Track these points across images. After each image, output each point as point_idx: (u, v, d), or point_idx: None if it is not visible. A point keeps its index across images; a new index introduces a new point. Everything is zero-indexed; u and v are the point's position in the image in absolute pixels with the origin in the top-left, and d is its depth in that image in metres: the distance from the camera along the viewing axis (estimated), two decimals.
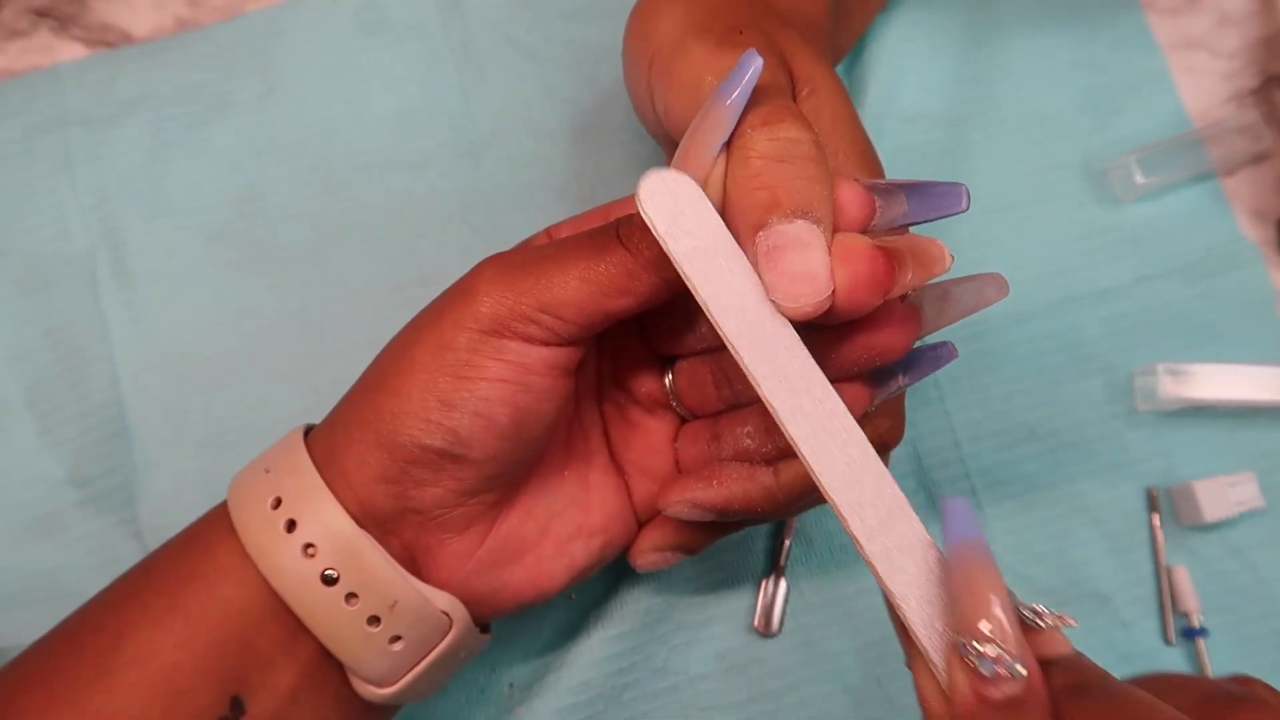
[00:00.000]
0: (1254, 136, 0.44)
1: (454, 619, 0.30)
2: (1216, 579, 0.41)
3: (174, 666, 0.29)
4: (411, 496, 0.29)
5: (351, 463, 0.29)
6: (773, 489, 0.31)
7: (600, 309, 0.28)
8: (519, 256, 0.29)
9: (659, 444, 0.34)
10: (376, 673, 0.30)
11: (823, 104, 0.31)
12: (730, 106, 0.26)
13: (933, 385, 0.42)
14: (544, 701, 0.38)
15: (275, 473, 0.30)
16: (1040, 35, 0.46)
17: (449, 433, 0.28)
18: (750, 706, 0.39)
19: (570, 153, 0.45)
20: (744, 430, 0.31)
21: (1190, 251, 0.44)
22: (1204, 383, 0.41)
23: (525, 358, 0.29)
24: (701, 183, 0.27)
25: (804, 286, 0.25)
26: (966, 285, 0.30)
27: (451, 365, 0.28)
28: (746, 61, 0.26)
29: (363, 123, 0.45)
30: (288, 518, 0.29)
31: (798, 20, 0.34)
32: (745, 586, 0.40)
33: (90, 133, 0.44)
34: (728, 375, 0.32)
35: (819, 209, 0.26)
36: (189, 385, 0.42)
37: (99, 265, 0.43)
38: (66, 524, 0.41)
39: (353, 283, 0.43)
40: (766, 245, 0.26)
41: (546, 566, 0.32)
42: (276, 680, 0.30)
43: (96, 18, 0.46)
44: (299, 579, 0.29)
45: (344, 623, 0.29)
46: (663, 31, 0.32)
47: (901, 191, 0.28)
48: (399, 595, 0.29)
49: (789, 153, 0.26)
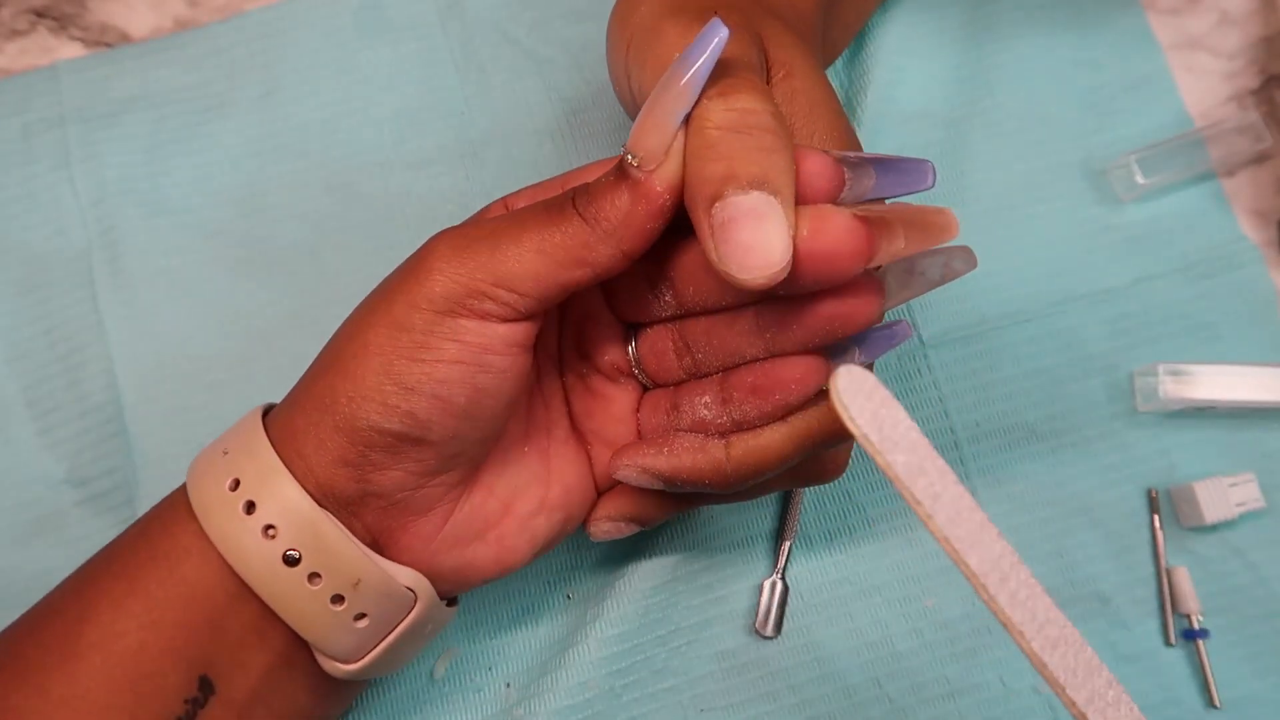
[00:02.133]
0: (1255, 136, 0.44)
1: (419, 594, 0.30)
2: (1217, 580, 0.41)
3: (139, 648, 0.29)
4: (371, 480, 0.29)
5: (310, 446, 0.29)
6: (722, 463, 0.30)
7: (557, 281, 0.28)
8: (472, 230, 0.29)
9: (621, 413, 0.34)
10: (342, 650, 0.30)
11: (799, 87, 0.31)
12: (693, 78, 0.26)
13: (933, 385, 0.42)
14: (542, 702, 0.38)
15: (233, 454, 0.30)
16: (1040, 35, 0.46)
17: (406, 416, 0.28)
18: (750, 707, 0.39)
19: (570, 153, 0.45)
20: (702, 400, 0.31)
21: (1191, 252, 0.44)
22: (1205, 383, 0.41)
23: (482, 336, 0.28)
24: (663, 152, 0.26)
25: (757, 258, 0.25)
26: (933, 257, 0.30)
27: (407, 347, 0.28)
28: (711, 31, 0.26)
29: (363, 123, 0.45)
30: (246, 499, 0.29)
31: (784, 10, 0.34)
32: (745, 588, 0.40)
33: (89, 131, 0.44)
34: (689, 343, 0.32)
35: (775, 180, 0.26)
36: (188, 385, 0.42)
37: (97, 264, 0.43)
38: (65, 524, 0.41)
39: (353, 283, 0.43)
40: (721, 217, 0.25)
41: (510, 542, 0.32)
42: (246, 660, 0.30)
43: (95, 18, 0.46)
44: (261, 561, 0.29)
45: (307, 602, 0.29)
46: (641, 14, 0.32)
47: (870, 165, 0.28)
48: (362, 573, 0.29)
49: (746, 123, 0.26)
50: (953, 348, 0.43)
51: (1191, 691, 0.40)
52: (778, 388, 0.29)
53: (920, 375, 0.42)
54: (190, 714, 0.29)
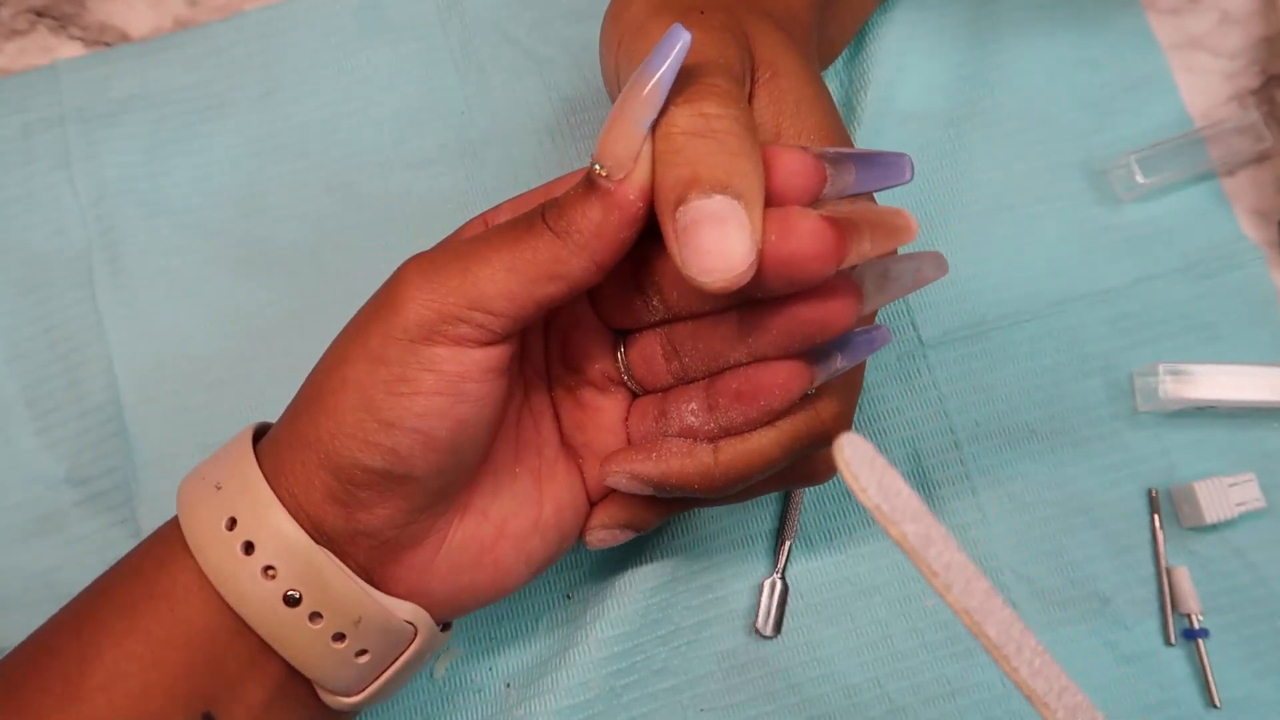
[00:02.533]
0: (1255, 136, 0.44)
1: (418, 627, 0.30)
2: (1217, 580, 0.41)
3: (143, 690, 0.28)
4: (359, 519, 0.29)
5: (299, 483, 0.29)
6: (710, 468, 0.30)
7: (531, 297, 0.28)
8: (441, 254, 0.29)
9: (611, 423, 0.33)
10: (343, 685, 0.30)
11: (786, 87, 0.30)
12: (656, 84, 0.26)
13: (932, 385, 0.42)
14: (542, 702, 0.38)
15: (227, 490, 0.29)
16: (1040, 35, 0.46)
17: (389, 452, 0.28)
18: (750, 707, 0.39)
19: (570, 152, 0.45)
20: (689, 406, 0.31)
21: (1191, 251, 0.44)
22: (1205, 383, 0.41)
23: (459, 365, 0.28)
24: (631, 160, 0.26)
25: (718, 262, 0.25)
26: (906, 263, 0.30)
27: (385, 381, 0.28)
28: (673, 37, 0.25)
29: (363, 123, 0.45)
30: (244, 539, 0.28)
31: (778, 10, 0.34)
32: (745, 588, 0.40)
33: (88, 131, 0.44)
34: (677, 348, 0.31)
35: (739, 183, 0.25)
36: (187, 385, 0.42)
37: (97, 264, 0.43)
38: (65, 524, 0.41)
39: (353, 283, 0.43)
40: (684, 221, 0.25)
41: (506, 565, 0.32)
42: (247, 696, 0.30)
43: (95, 18, 0.46)
44: (261, 602, 0.28)
45: (309, 641, 0.29)
46: (632, 13, 0.31)
47: (850, 160, 0.28)
48: (363, 611, 0.29)
49: (711, 128, 0.26)
50: (953, 348, 0.43)
51: (1191, 691, 0.40)
52: (761, 393, 0.29)
53: (920, 375, 0.42)
54: None
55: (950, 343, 0.43)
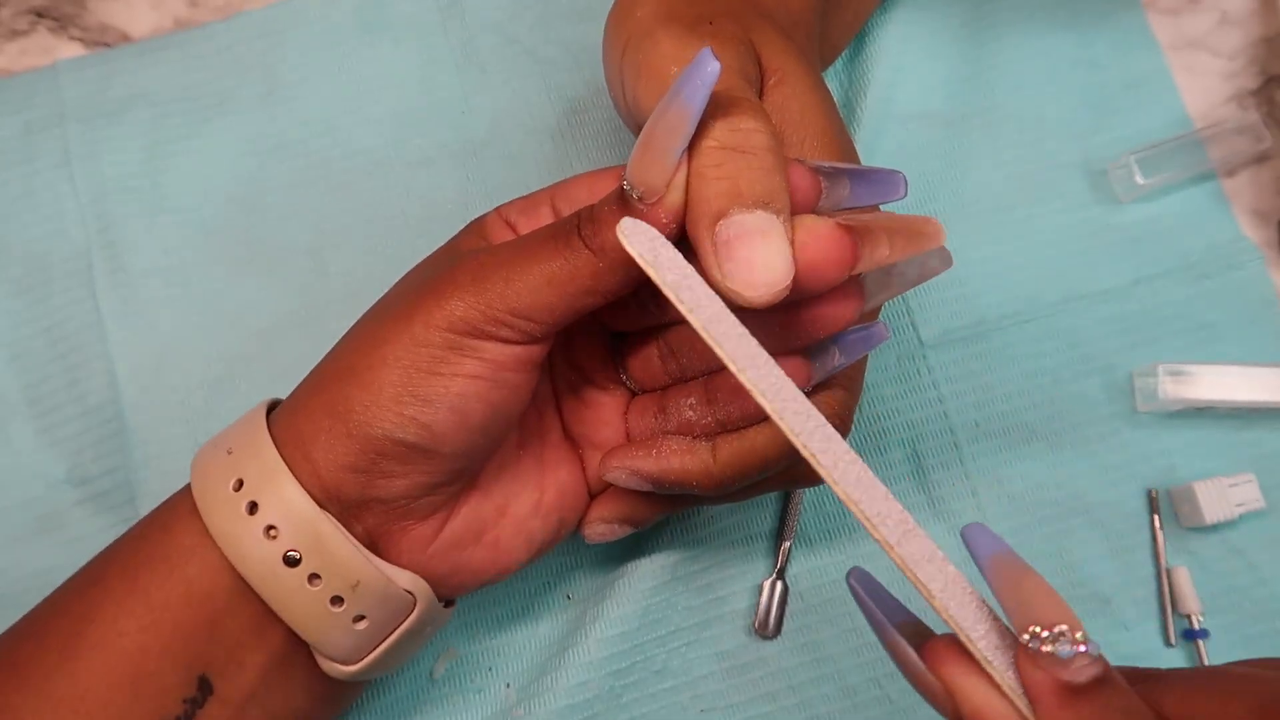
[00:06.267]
0: (1255, 137, 0.44)
1: (417, 597, 0.31)
2: (1217, 580, 0.41)
3: (139, 649, 0.29)
4: (378, 486, 0.29)
5: (319, 450, 0.29)
6: (709, 465, 0.31)
7: (570, 309, 0.29)
8: (489, 259, 0.29)
9: (611, 418, 0.34)
10: (341, 651, 0.30)
11: (791, 94, 0.31)
12: (688, 112, 0.26)
13: (932, 385, 0.42)
14: (542, 702, 0.38)
15: (237, 454, 0.30)
16: (1040, 35, 0.46)
17: (423, 428, 0.29)
18: (750, 708, 0.39)
19: (571, 153, 0.45)
20: (687, 402, 0.32)
21: (1190, 252, 0.44)
22: (1204, 383, 0.41)
23: (499, 355, 0.29)
24: (664, 187, 0.27)
25: (763, 275, 0.26)
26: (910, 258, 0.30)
27: (427, 361, 0.29)
28: (702, 62, 0.26)
29: (363, 122, 0.45)
30: (249, 500, 0.29)
31: (780, 14, 0.34)
32: (745, 588, 0.40)
33: (88, 130, 0.44)
34: (673, 349, 0.32)
35: (778, 199, 0.26)
36: (188, 384, 0.42)
37: (97, 263, 0.43)
38: (66, 523, 0.41)
39: (353, 282, 0.43)
40: (726, 235, 0.26)
41: (506, 545, 0.33)
42: (245, 660, 0.30)
43: (95, 18, 0.46)
44: (261, 561, 0.29)
45: (307, 603, 0.29)
46: (638, 18, 0.32)
47: (845, 175, 0.29)
48: (362, 575, 0.29)
49: (750, 144, 0.26)
50: (952, 348, 0.43)
51: None
52: None
53: (920, 375, 0.42)
54: (188, 714, 0.29)
55: (950, 343, 0.43)
